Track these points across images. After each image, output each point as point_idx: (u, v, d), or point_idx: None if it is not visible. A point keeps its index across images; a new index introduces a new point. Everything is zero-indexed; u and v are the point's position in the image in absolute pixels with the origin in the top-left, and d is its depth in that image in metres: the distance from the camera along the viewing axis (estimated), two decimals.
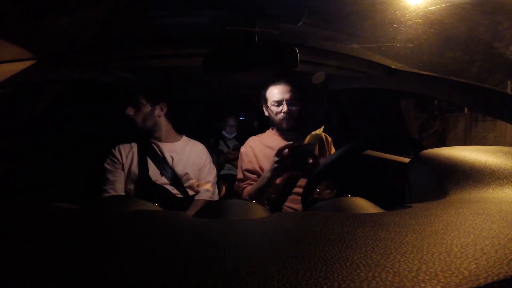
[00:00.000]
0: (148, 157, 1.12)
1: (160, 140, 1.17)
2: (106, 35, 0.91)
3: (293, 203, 1.07)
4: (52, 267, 0.18)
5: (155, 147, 1.15)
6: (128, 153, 1.12)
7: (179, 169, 1.13)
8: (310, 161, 0.93)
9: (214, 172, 1.24)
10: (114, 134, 1.37)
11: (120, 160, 1.11)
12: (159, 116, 1.15)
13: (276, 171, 0.95)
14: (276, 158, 0.93)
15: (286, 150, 0.92)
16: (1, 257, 0.19)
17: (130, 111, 1.10)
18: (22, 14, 0.68)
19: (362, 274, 0.16)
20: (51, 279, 0.16)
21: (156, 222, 0.28)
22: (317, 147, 1.04)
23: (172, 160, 1.14)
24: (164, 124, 1.17)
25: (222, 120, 2.28)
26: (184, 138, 1.25)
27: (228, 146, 2.21)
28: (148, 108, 1.12)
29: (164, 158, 1.13)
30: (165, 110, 1.17)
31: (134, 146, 1.14)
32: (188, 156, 1.18)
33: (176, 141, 1.21)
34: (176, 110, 1.24)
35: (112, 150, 1.12)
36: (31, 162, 1.12)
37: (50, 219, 0.29)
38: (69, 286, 0.16)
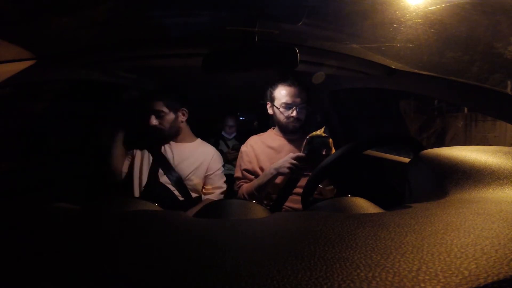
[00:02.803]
0: (155, 158, 1.12)
1: (174, 142, 1.18)
2: (106, 35, 0.91)
3: (293, 203, 1.07)
4: (52, 267, 0.18)
5: (163, 148, 1.16)
6: (136, 151, 1.14)
7: (185, 171, 1.13)
8: (324, 153, 0.93)
9: (224, 178, 1.25)
10: (115, 134, 1.37)
11: (130, 152, 1.12)
12: (181, 122, 1.18)
13: (284, 174, 0.96)
14: (293, 161, 0.94)
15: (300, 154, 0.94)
16: (1, 257, 0.19)
17: (154, 121, 1.10)
18: (22, 14, 0.68)
19: (362, 274, 0.16)
20: (51, 279, 0.16)
21: (156, 222, 0.28)
22: None
23: (179, 161, 1.14)
24: (184, 128, 1.20)
25: (222, 121, 2.28)
26: (198, 140, 1.26)
27: (228, 146, 2.21)
28: (171, 116, 1.14)
29: (170, 160, 1.14)
30: (186, 115, 1.19)
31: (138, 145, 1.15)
32: (196, 158, 1.18)
33: (189, 142, 1.22)
34: (195, 114, 1.26)
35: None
36: (31, 162, 1.12)
37: (50, 219, 0.29)
38: (69, 287, 0.16)
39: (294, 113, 1.11)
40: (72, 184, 1.19)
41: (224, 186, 1.23)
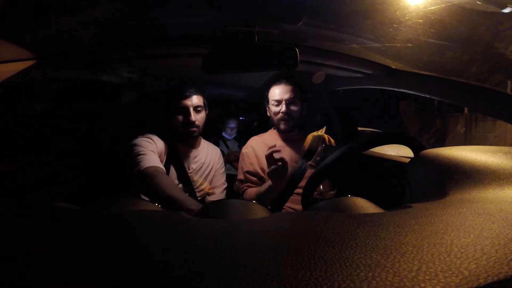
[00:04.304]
0: (172, 161, 1.05)
1: (192, 146, 1.13)
2: (106, 35, 0.91)
3: (294, 204, 1.07)
4: (52, 268, 0.18)
5: (181, 152, 1.09)
6: (160, 150, 1.02)
7: (198, 175, 1.11)
8: None
9: (225, 175, 1.24)
10: (115, 134, 1.37)
11: (155, 145, 0.99)
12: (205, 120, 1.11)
13: (272, 174, 0.94)
14: (273, 167, 0.92)
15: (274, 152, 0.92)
16: (1, 257, 0.19)
17: (194, 117, 1.02)
18: (22, 14, 0.68)
19: (362, 274, 0.16)
20: (51, 279, 0.16)
21: (156, 222, 0.28)
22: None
23: (194, 166, 1.11)
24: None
25: (223, 122, 2.28)
26: (203, 141, 1.21)
27: (227, 146, 2.22)
28: (204, 113, 1.09)
29: (187, 165, 1.09)
30: (207, 111, 1.13)
31: (164, 148, 1.04)
32: (208, 164, 1.16)
33: (199, 145, 1.17)
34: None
35: (148, 134, 1.01)
36: (31, 162, 1.12)
37: (50, 219, 0.29)
38: (69, 287, 0.16)
39: (283, 108, 1.11)
40: (72, 184, 1.19)
41: (226, 184, 1.22)
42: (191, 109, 1.03)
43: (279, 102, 1.13)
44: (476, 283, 0.15)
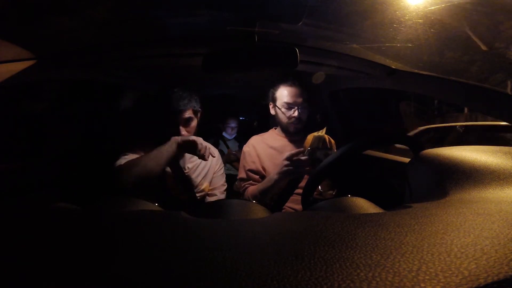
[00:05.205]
0: (172, 170, 1.05)
1: None
2: (106, 35, 0.91)
3: (294, 204, 1.07)
4: (52, 267, 0.18)
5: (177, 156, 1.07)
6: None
7: (195, 174, 1.11)
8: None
9: (225, 176, 1.23)
10: (115, 134, 1.37)
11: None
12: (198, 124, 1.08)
13: (284, 175, 0.93)
14: (287, 162, 0.91)
15: (299, 155, 0.91)
16: (1, 258, 0.19)
17: (184, 132, 1.00)
18: (22, 14, 0.68)
19: (362, 274, 0.16)
20: (51, 279, 0.16)
21: (156, 222, 0.28)
22: None
23: (190, 165, 1.11)
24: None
25: (223, 122, 2.28)
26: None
27: (228, 146, 2.21)
28: (196, 120, 1.06)
29: (182, 165, 1.09)
30: (201, 112, 1.10)
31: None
32: (206, 162, 1.14)
33: None
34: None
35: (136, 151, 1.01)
36: (31, 162, 1.12)
37: (51, 219, 0.29)
38: (69, 287, 0.16)
39: (296, 113, 1.10)
40: (72, 184, 1.19)
41: (226, 185, 1.22)
42: (181, 126, 1.01)
43: (291, 106, 1.11)
44: (476, 283, 0.15)
